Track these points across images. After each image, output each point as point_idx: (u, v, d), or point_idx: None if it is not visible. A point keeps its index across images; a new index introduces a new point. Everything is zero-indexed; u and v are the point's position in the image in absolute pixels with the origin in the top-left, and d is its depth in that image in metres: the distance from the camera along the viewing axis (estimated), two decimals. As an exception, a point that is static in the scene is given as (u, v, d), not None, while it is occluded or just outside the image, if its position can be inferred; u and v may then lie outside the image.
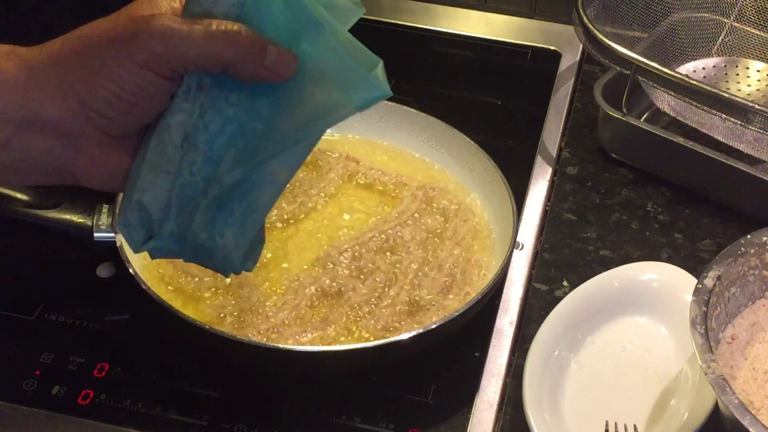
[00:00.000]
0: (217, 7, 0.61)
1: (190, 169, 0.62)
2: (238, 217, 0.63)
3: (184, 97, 0.62)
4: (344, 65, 0.60)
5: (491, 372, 0.86)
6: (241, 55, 0.60)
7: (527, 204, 1.01)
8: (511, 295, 0.92)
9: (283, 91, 0.62)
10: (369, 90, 0.60)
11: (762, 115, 0.91)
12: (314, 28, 0.61)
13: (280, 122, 0.62)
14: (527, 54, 1.22)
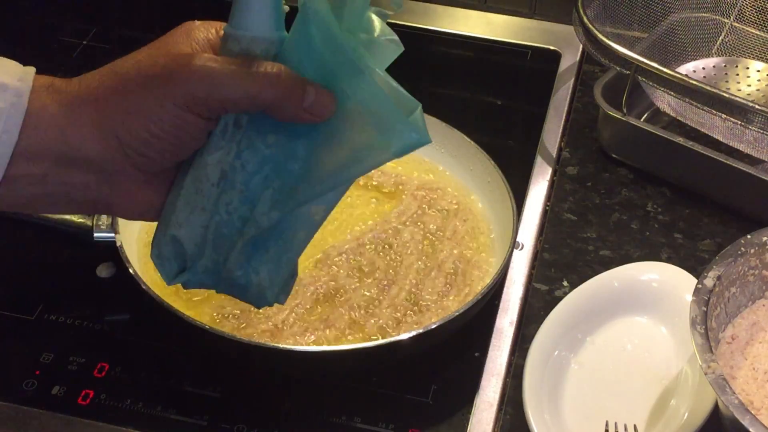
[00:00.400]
0: (256, 46, 0.60)
1: (226, 207, 0.62)
2: (274, 256, 0.63)
3: (222, 135, 0.61)
4: (382, 109, 0.59)
5: (491, 372, 0.86)
6: (281, 96, 0.59)
7: (527, 204, 1.01)
8: (511, 295, 0.92)
9: (320, 132, 0.61)
10: (407, 136, 0.59)
11: (762, 115, 0.91)
12: (353, 70, 0.59)
13: (317, 164, 0.61)
14: (527, 54, 1.22)
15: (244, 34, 0.60)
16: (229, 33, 0.61)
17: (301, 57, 0.60)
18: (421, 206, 0.96)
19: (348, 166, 0.60)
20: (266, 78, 0.59)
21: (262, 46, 0.60)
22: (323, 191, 0.61)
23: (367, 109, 0.59)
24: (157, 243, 0.64)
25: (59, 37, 1.22)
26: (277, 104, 0.59)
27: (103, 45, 1.21)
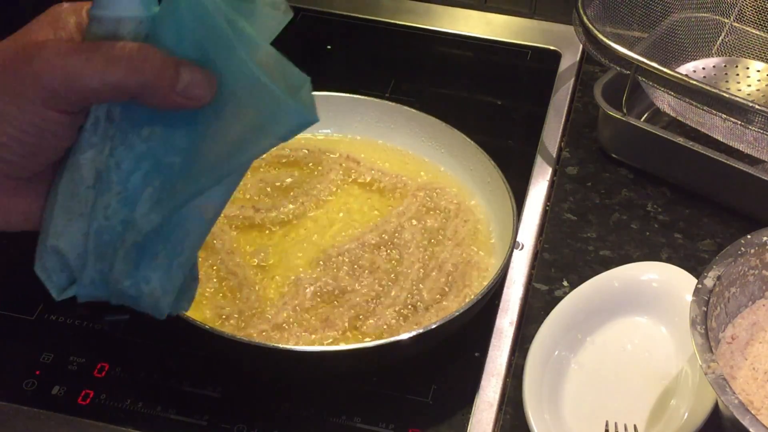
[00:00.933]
0: (123, 27, 0.55)
1: (104, 212, 0.57)
2: (163, 262, 0.58)
3: (93, 130, 0.56)
4: (262, 90, 0.54)
5: (491, 372, 0.86)
6: (148, 81, 0.53)
7: (527, 204, 1.01)
8: (511, 295, 0.92)
9: (201, 119, 0.56)
10: (292, 117, 0.54)
11: (762, 115, 0.91)
12: (226, 47, 0.54)
13: (199, 156, 0.56)
14: (527, 54, 1.22)
15: (109, 14, 0.55)
16: (93, 15, 0.55)
17: (173, 35, 0.55)
18: (422, 206, 0.96)
19: (231, 155, 0.55)
20: (129, 62, 0.53)
21: (129, 26, 0.55)
22: (205, 186, 0.56)
23: (245, 90, 0.54)
24: (40, 255, 0.59)
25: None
26: (145, 91, 0.54)
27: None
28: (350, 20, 1.26)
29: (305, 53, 1.23)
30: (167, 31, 0.55)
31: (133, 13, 0.55)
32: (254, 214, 0.94)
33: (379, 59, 1.22)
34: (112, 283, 0.58)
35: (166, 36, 0.55)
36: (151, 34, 0.55)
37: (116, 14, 0.55)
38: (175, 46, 0.55)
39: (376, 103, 1.03)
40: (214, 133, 0.55)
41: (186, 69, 0.54)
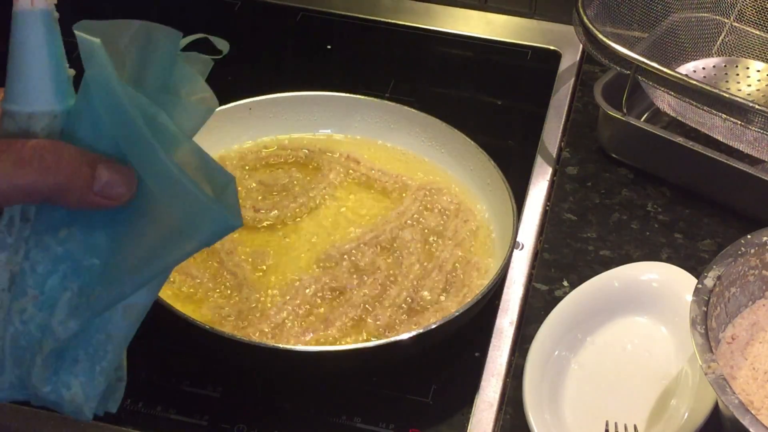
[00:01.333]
0: (36, 123, 0.51)
1: (20, 316, 0.54)
2: (85, 367, 0.55)
3: (7, 231, 0.53)
4: (182, 191, 0.50)
5: (491, 372, 0.86)
6: (62, 183, 0.50)
7: (527, 204, 1.01)
8: (511, 295, 0.92)
9: (120, 218, 0.53)
10: (213, 221, 0.51)
11: (762, 115, 0.91)
12: (143, 144, 0.51)
13: (120, 257, 0.53)
14: (527, 54, 1.22)
15: (20, 109, 0.51)
16: (5, 109, 0.52)
17: (90, 130, 0.52)
18: (422, 206, 0.96)
19: (153, 258, 0.52)
20: (41, 163, 0.49)
21: (43, 121, 0.52)
22: (126, 293, 0.53)
23: (165, 190, 0.51)
24: None
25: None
26: (59, 192, 0.50)
27: (103, 45, 1.21)
28: (350, 20, 1.26)
29: (305, 53, 1.23)
30: (83, 126, 0.52)
31: (46, 108, 0.52)
32: (254, 214, 0.94)
33: (379, 59, 1.22)
34: (31, 389, 0.55)
35: (82, 131, 0.52)
36: (66, 129, 0.52)
37: (28, 109, 0.52)
38: (92, 142, 0.52)
39: (376, 103, 1.03)
40: (135, 234, 0.53)
41: (104, 167, 0.51)
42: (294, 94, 1.02)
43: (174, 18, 1.30)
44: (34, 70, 0.51)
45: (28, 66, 0.51)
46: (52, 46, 0.52)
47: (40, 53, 0.51)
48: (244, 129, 1.01)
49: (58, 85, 0.52)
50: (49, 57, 0.52)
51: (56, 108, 0.52)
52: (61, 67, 0.52)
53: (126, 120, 0.51)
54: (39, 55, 0.51)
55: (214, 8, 1.28)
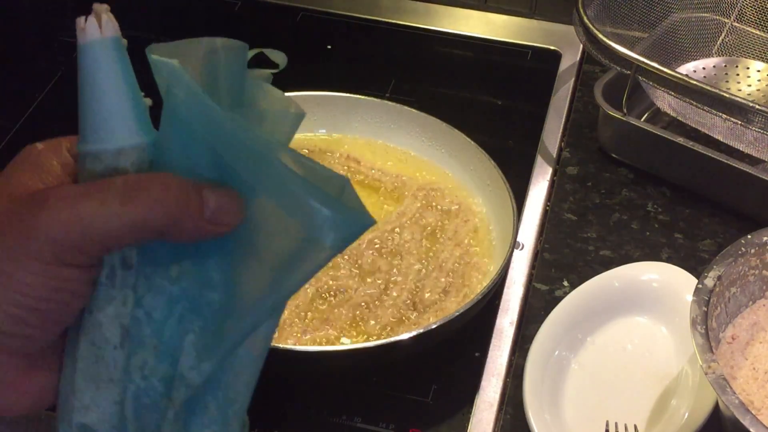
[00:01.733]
0: (124, 159, 0.48)
1: (140, 372, 0.49)
2: (217, 414, 0.51)
3: (109, 282, 0.48)
4: (301, 196, 0.46)
5: (491, 372, 0.86)
6: (173, 213, 0.46)
7: (527, 204, 1.01)
8: (511, 295, 0.92)
9: (233, 244, 0.48)
10: (343, 223, 0.46)
11: (762, 115, 0.91)
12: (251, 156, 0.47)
13: (240, 286, 0.48)
14: (527, 54, 1.22)
15: (106, 147, 0.48)
16: (86, 151, 0.48)
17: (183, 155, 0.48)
18: (422, 206, 0.96)
19: (279, 280, 0.47)
20: (148, 196, 0.46)
21: (132, 157, 0.48)
22: (255, 324, 0.49)
23: (282, 200, 0.46)
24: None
25: (59, 37, 1.22)
26: (172, 225, 0.46)
27: (103, 45, 1.21)
28: (350, 20, 1.26)
29: (305, 53, 1.23)
30: (174, 153, 0.48)
31: (134, 141, 0.48)
32: (254, 214, 0.94)
33: (379, 59, 1.22)
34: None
35: (173, 159, 0.48)
36: (155, 160, 0.49)
37: (115, 145, 0.48)
38: (186, 168, 0.48)
39: (376, 103, 1.03)
40: (252, 256, 0.48)
41: (210, 192, 0.47)
42: (294, 94, 1.02)
43: (174, 18, 1.31)
44: (115, 104, 0.48)
45: (107, 100, 0.48)
46: (128, 76, 0.49)
47: (117, 84, 0.48)
48: (244, 129, 1.01)
49: (140, 116, 0.49)
50: (127, 87, 0.48)
51: (144, 139, 0.48)
52: (139, 96, 0.49)
53: (225, 132, 0.46)
54: (117, 86, 0.48)
55: (214, 8, 1.28)
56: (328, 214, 0.45)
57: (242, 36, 0.50)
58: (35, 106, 1.12)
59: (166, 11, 1.27)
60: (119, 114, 0.48)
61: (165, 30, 1.25)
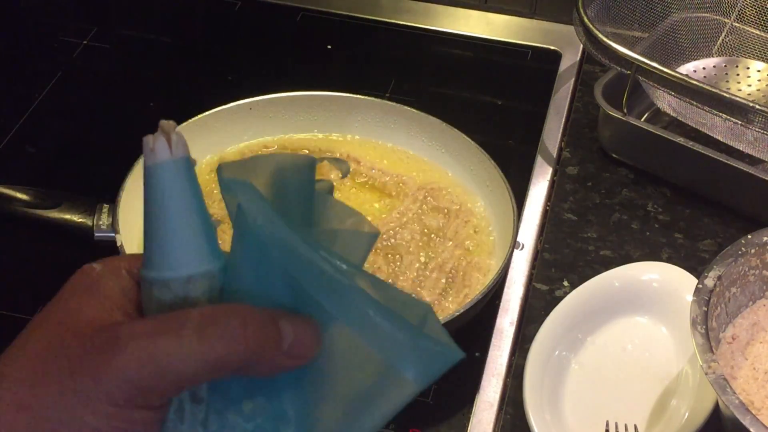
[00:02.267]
0: (195, 287, 0.45)
1: None
2: None
3: (178, 418, 0.45)
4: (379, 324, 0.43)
5: (491, 372, 0.86)
6: (253, 349, 0.43)
7: (527, 204, 1.01)
8: (511, 295, 0.92)
9: (308, 376, 0.45)
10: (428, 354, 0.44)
11: (762, 115, 0.91)
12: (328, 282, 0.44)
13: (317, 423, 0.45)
14: (527, 54, 1.22)
15: (176, 274, 0.45)
16: (153, 279, 0.45)
17: (255, 279, 0.45)
18: (422, 206, 0.96)
19: (357, 416, 0.44)
20: (226, 332, 0.43)
21: (203, 284, 0.45)
22: None
23: (361, 329, 0.43)
24: None
25: (59, 37, 1.22)
26: (251, 361, 0.44)
27: (103, 45, 1.21)
28: (350, 20, 1.26)
29: (305, 53, 1.23)
30: (247, 277, 0.45)
31: (205, 267, 0.45)
32: (254, 214, 0.94)
33: (379, 59, 1.22)
34: None
35: (246, 283, 0.45)
36: (226, 285, 0.46)
37: (185, 272, 0.45)
38: (261, 293, 0.45)
39: (376, 103, 1.03)
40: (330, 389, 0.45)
41: (286, 322, 0.44)
42: (294, 94, 1.02)
43: (174, 18, 1.31)
44: (185, 229, 0.45)
45: (176, 225, 0.45)
46: (198, 198, 0.45)
47: (187, 208, 0.45)
48: (244, 129, 1.01)
49: (209, 240, 0.45)
50: (197, 211, 0.45)
51: (215, 266, 0.45)
52: (208, 218, 0.45)
53: (298, 255, 0.44)
54: (187, 210, 0.45)
55: (214, 8, 1.28)
56: (409, 345, 0.42)
57: (242, 36, 0.49)
58: (35, 106, 1.12)
59: (167, 11, 1.27)
60: (189, 240, 0.45)
61: (165, 30, 1.25)
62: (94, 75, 1.18)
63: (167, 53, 1.22)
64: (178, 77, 1.18)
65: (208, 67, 1.19)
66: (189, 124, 0.98)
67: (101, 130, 1.11)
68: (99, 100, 1.15)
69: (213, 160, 1.00)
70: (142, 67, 1.19)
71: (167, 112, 1.12)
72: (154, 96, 1.14)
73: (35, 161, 1.07)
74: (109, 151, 1.07)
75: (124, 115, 1.12)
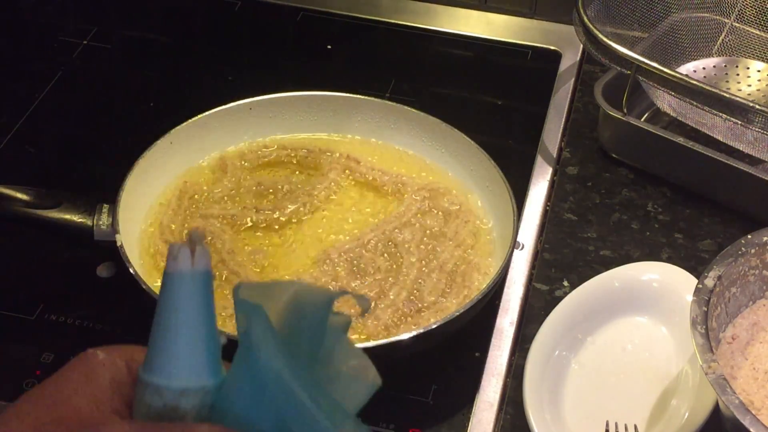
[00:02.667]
0: (186, 399, 0.45)
1: None
2: None
3: None
4: None
5: (491, 372, 0.86)
6: None
7: (527, 204, 1.01)
8: (511, 295, 0.92)
9: None
10: None
11: (762, 115, 0.91)
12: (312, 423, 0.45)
13: None
14: (527, 54, 1.22)
15: (170, 384, 0.46)
16: (148, 382, 0.46)
17: (247, 406, 0.46)
18: (422, 206, 0.96)
19: None
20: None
21: (195, 399, 0.46)
22: None
23: None
24: None
25: (59, 37, 1.22)
26: None
27: (103, 45, 1.21)
28: (350, 20, 1.26)
29: (305, 53, 1.23)
30: (239, 402, 0.46)
31: (201, 383, 0.46)
32: (255, 214, 0.94)
33: (379, 59, 1.22)
34: None
35: (237, 408, 0.46)
36: (218, 403, 0.46)
37: (180, 384, 0.46)
38: (249, 422, 0.46)
39: (376, 103, 1.03)
40: None
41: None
42: (294, 94, 1.02)
43: (174, 18, 1.31)
44: (190, 341, 0.46)
45: (183, 336, 0.46)
46: (209, 313, 0.46)
47: (197, 321, 0.46)
48: (244, 129, 1.01)
49: (212, 356, 0.46)
50: (206, 325, 0.46)
51: (210, 382, 0.46)
52: (215, 335, 0.46)
53: (292, 397, 0.45)
54: (196, 323, 0.46)
55: (214, 8, 1.28)
56: None
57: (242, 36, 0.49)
58: (35, 106, 1.12)
59: (167, 11, 1.27)
60: (191, 353, 0.46)
61: (165, 30, 1.25)
62: (94, 75, 1.18)
63: (167, 53, 1.22)
64: (178, 77, 1.18)
65: (208, 67, 1.19)
66: (189, 124, 0.98)
67: (101, 130, 1.11)
68: (99, 100, 1.15)
69: (213, 160, 1.00)
70: (142, 67, 1.19)
71: (167, 112, 1.13)
72: (154, 96, 1.14)
73: (35, 161, 1.07)
74: (109, 151, 1.07)
75: (124, 115, 1.12)
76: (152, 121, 1.07)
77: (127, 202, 0.89)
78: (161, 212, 0.94)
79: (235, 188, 0.97)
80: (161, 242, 0.91)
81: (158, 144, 0.95)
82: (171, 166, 0.97)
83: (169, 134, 0.96)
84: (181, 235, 0.92)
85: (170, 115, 1.00)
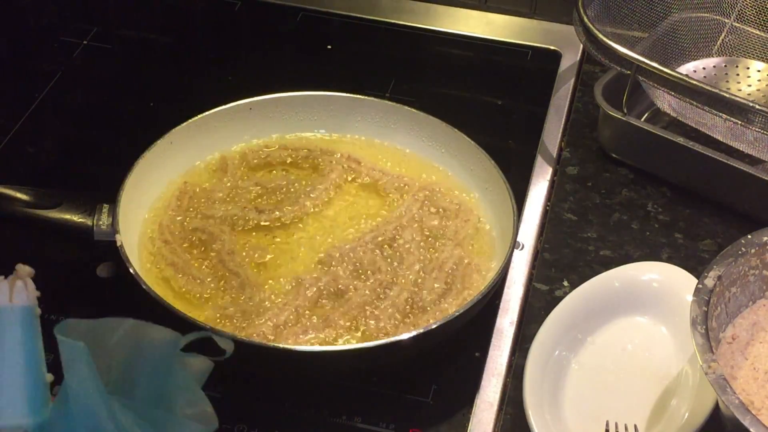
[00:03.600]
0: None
1: None
2: None
3: None
4: None
5: (491, 372, 0.86)
6: None
7: (527, 204, 1.01)
8: (511, 295, 0.92)
9: None
10: None
11: (762, 115, 0.91)
12: None
13: None
14: (527, 54, 1.22)
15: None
16: None
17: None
18: (422, 207, 0.96)
19: None
20: None
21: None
22: None
23: None
24: None
25: (59, 37, 1.22)
26: None
27: (104, 45, 1.21)
28: (350, 20, 1.26)
29: (305, 53, 1.23)
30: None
31: (18, 421, 0.46)
32: (256, 215, 0.94)
33: (379, 59, 1.22)
34: None
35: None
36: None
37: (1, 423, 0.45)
38: None
39: (376, 103, 1.03)
40: None
41: None
42: (294, 94, 1.02)
43: (174, 18, 1.31)
44: (9, 378, 0.45)
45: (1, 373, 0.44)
46: (32, 350, 0.46)
47: (16, 358, 0.45)
48: (244, 129, 1.01)
49: (34, 395, 0.45)
50: (26, 363, 0.45)
51: (29, 421, 0.46)
52: (39, 373, 0.46)
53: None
54: (15, 360, 0.45)
55: (214, 8, 1.28)
56: None
57: (242, 36, 0.49)
58: (35, 106, 1.12)
59: (167, 11, 1.27)
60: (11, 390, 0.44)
61: (165, 30, 1.25)
62: (94, 75, 1.18)
63: (167, 53, 1.22)
64: (178, 77, 1.18)
65: (208, 67, 1.19)
66: (189, 124, 0.98)
67: (101, 130, 1.11)
68: (99, 100, 1.15)
69: (213, 159, 1.00)
70: (142, 67, 1.19)
71: (167, 112, 1.13)
72: (154, 96, 1.14)
73: (35, 161, 1.07)
74: (109, 151, 1.07)
75: (124, 115, 1.12)
76: (152, 121, 1.07)
77: (127, 202, 0.89)
78: (161, 212, 0.94)
79: (235, 188, 0.97)
80: (161, 242, 0.91)
81: (158, 144, 0.95)
82: (171, 166, 0.97)
83: (169, 134, 0.96)
84: (181, 235, 0.92)
85: (170, 115, 1.00)
